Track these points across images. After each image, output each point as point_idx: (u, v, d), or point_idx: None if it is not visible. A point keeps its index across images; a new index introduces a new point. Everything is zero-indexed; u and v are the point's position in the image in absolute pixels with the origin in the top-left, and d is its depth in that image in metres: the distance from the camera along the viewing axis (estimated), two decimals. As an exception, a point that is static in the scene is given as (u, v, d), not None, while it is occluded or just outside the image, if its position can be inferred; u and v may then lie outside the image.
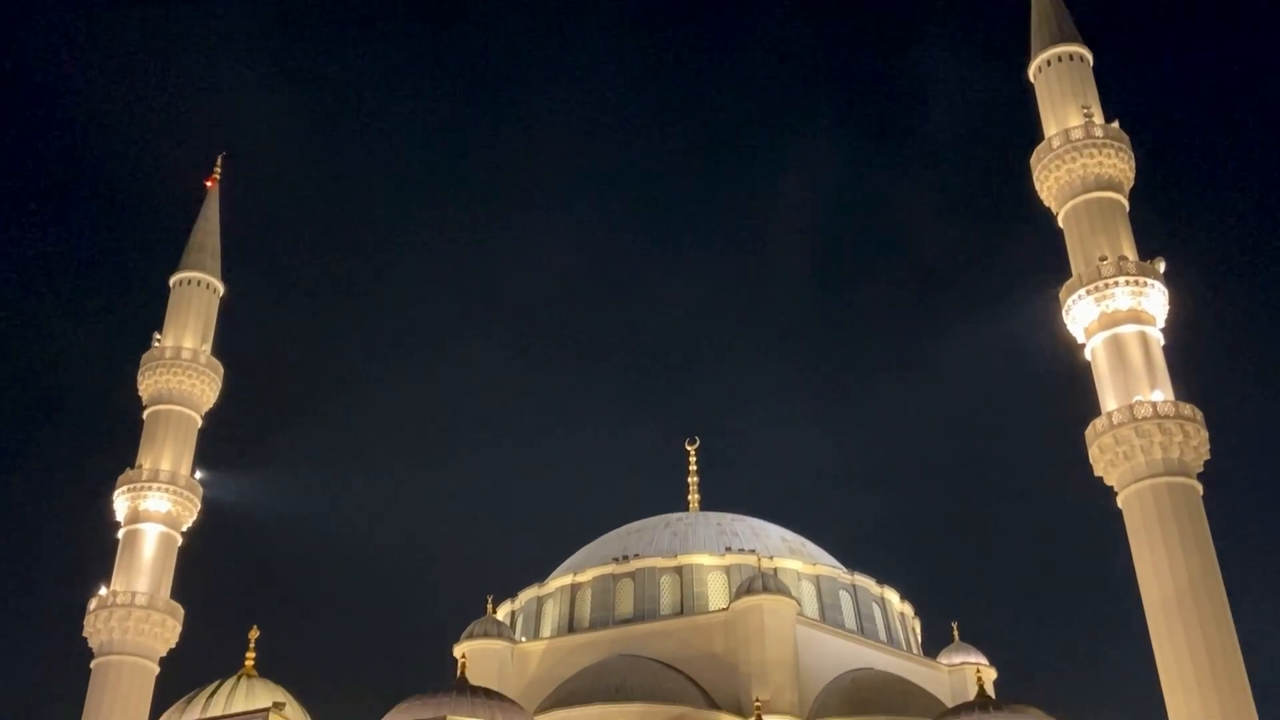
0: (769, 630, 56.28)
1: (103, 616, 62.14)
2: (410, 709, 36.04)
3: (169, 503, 65.59)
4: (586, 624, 61.57)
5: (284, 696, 39.61)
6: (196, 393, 68.89)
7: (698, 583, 61.40)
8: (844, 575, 64.05)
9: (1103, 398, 54.36)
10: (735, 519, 68.48)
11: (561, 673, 58.51)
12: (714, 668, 56.65)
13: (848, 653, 58.65)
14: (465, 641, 60.13)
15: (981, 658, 63.37)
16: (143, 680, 62.15)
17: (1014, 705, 37.46)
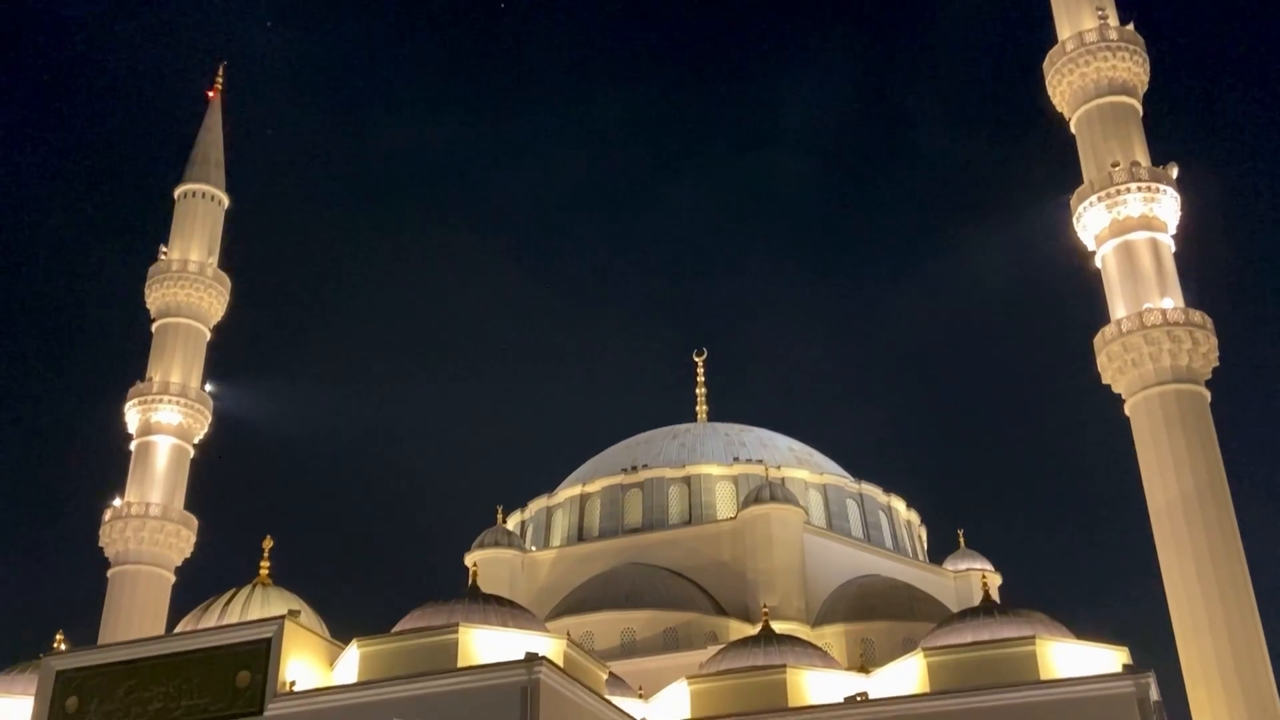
0: (776, 538, 56.92)
1: (118, 527, 62.94)
2: (423, 616, 36.57)
3: (180, 415, 65.99)
4: (595, 533, 62.27)
5: (298, 604, 40.21)
6: (204, 305, 68.91)
7: (705, 492, 61.94)
8: (851, 484, 64.55)
9: (1112, 306, 54.18)
10: (743, 429, 68.86)
11: (571, 581, 59.33)
12: (722, 575, 57.40)
13: (854, 560, 59.32)
14: (476, 551, 60.90)
15: (986, 564, 64.08)
16: (159, 589, 63.12)
17: (1018, 610, 37.89)
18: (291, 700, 33.66)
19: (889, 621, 53.77)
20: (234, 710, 33.94)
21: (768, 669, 37.84)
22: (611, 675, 39.77)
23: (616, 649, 53.13)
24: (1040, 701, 33.35)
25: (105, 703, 35.34)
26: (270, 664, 34.15)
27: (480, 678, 32.41)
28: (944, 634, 37.80)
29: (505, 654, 33.30)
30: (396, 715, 32.59)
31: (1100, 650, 35.10)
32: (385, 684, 33.20)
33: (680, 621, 54.39)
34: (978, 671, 34.73)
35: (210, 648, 35.19)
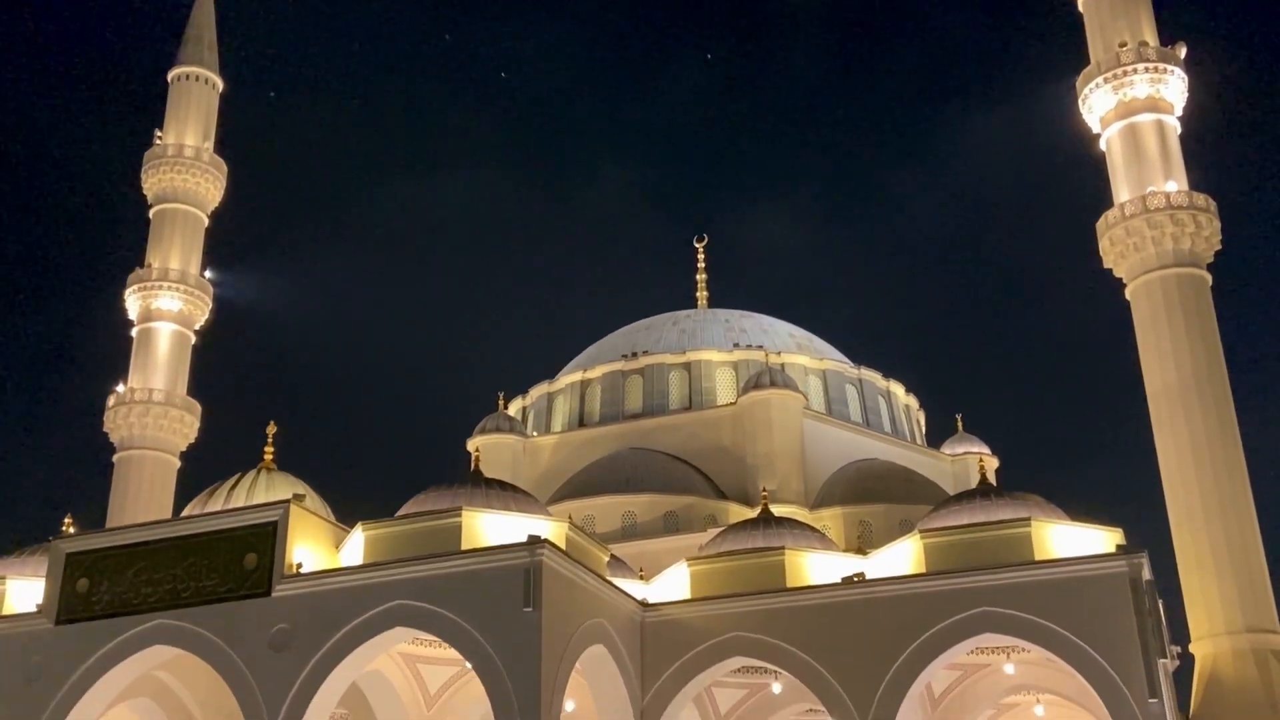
0: (776, 423, 57.33)
1: (122, 413, 63.37)
2: (426, 500, 36.96)
3: (180, 302, 65.96)
4: (596, 419, 62.68)
5: (303, 489, 40.65)
6: (201, 191, 68.36)
7: (706, 378, 62.18)
8: (850, 369, 64.77)
9: (1116, 189, 53.78)
10: (743, 315, 68.85)
11: (572, 465, 59.90)
12: (722, 460, 57.95)
13: (853, 444, 59.82)
14: (478, 436, 61.37)
15: (984, 447, 64.62)
16: (164, 474, 63.81)
17: (1014, 493, 38.25)
18: (298, 581, 34.22)
19: (886, 504, 54.43)
20: (242, 591, 34.54)
21: (766, 551, 38.39)
22: (613, 557, 40.37)
23: (617, 532, 53.89)
24: (1034, 581, 33.88)
25: (115, 584, 35.97)
26: (276, 546, 34.62)
27: (483, 560, 32.88)
28: (940, 516, 38.26)
29: (507, 537, 33.75)
30: (401, 597, 33.14)
31: (1095, 532, 35.55)
32: (390, 566, 33.71)
33: (680, 505, 55.07)
34: (973, 553, 35.24)
35: (217, 531, 35.67)
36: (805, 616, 35.93)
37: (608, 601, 35.77)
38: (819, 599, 36.17)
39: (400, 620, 33.15)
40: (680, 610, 37.57)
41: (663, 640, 37.00)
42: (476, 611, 32.26)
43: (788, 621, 35.97)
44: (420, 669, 37.79)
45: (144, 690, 38.04)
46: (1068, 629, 33.02)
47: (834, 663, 34.93)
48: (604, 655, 35.10)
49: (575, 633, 33.45)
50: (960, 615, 34.22)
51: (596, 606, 34.98)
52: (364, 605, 33.36)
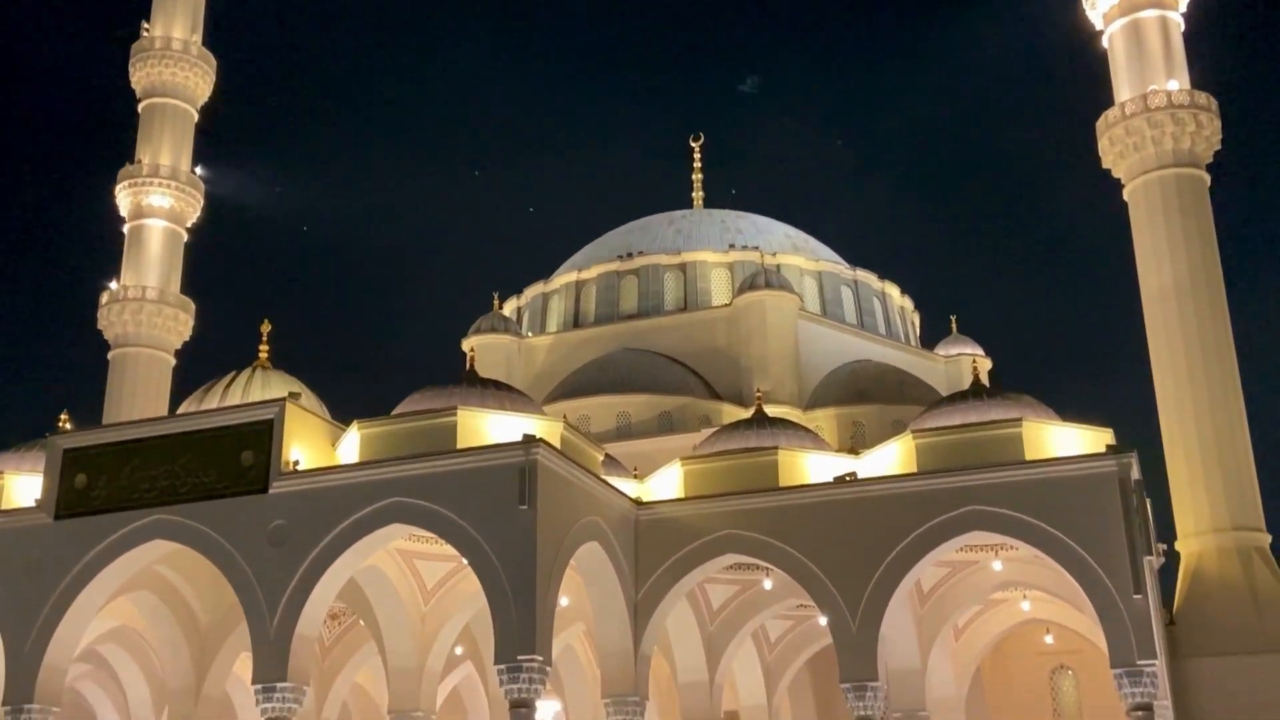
0: (770, 325, 57.38)
1: (115, 310, 63.27)
2: (421, 400, 37.09)
3: (171, 198, 65.43)
4: (591, 319, 62.68)
5: (299, 387, 40.79)
6: (190, 85, 67.36)
7: (701, 279, 62.07)
8: (846, 271, 64.64)
9: (1117, 88, 53.19)
10: (739, 216, 68.47)
11: (567, 366, 60.06)
12: (716, 361, 58.11)
13: (847, 346, 59.97)
14: (473, 336, 61.43)
15: (978, 349, 64.81)
16: (160, 371, 63.94)
17: (1006, 394, 38.43)
18: (295, 479, 34.49)
19: (879, 405, 54.73)
20: (239, 488, 34.82)
21: (760, 450, 38.68)
22: (607, 457, 40.68)
23: (612, 432, 54.24)
24: (1024, 481, 34.22)
25: (113, 480, 36.26)
26: (273, 444, 34.83)
27: (479, 459, 33.12)
28: (933, 417, 38.50)
29: (503, 436, 33.95)
30: (397, 494, 33.46)
31: (1085, 432, 35.82)
32: (386, 464, 33.96)
33: (675, 405, 55.35)
34: (964, 452, 35.53)
35: (213, 428, 35.85)
36: (797, 515, 36.35)
37: (602, 500, 36.15)
38: (811, 498, 36.55)
39: (397, 517, 33.50)
40: (674, 509, 37.98)
41: (656, 538, 37.46)
42: (472, 509, 32.60)
43: (780, 520, 36.40)
44: (417, 564, 38.31)
45: (144, 584, 38.61)
46: (1056, 527, 33.46)
47: (825, 560, 35.43)
48: (598, 552, 35.57)
49: (570, 530, 33.85)
50: (950, 514, 34.63)
51: (591, 505, 35.35)
52: (361, 502, 33.69)
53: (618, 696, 36.56)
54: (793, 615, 42.85)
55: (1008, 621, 43.47)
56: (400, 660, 38.34)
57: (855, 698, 34.49)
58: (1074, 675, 47.04)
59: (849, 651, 34.63)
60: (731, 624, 40.91)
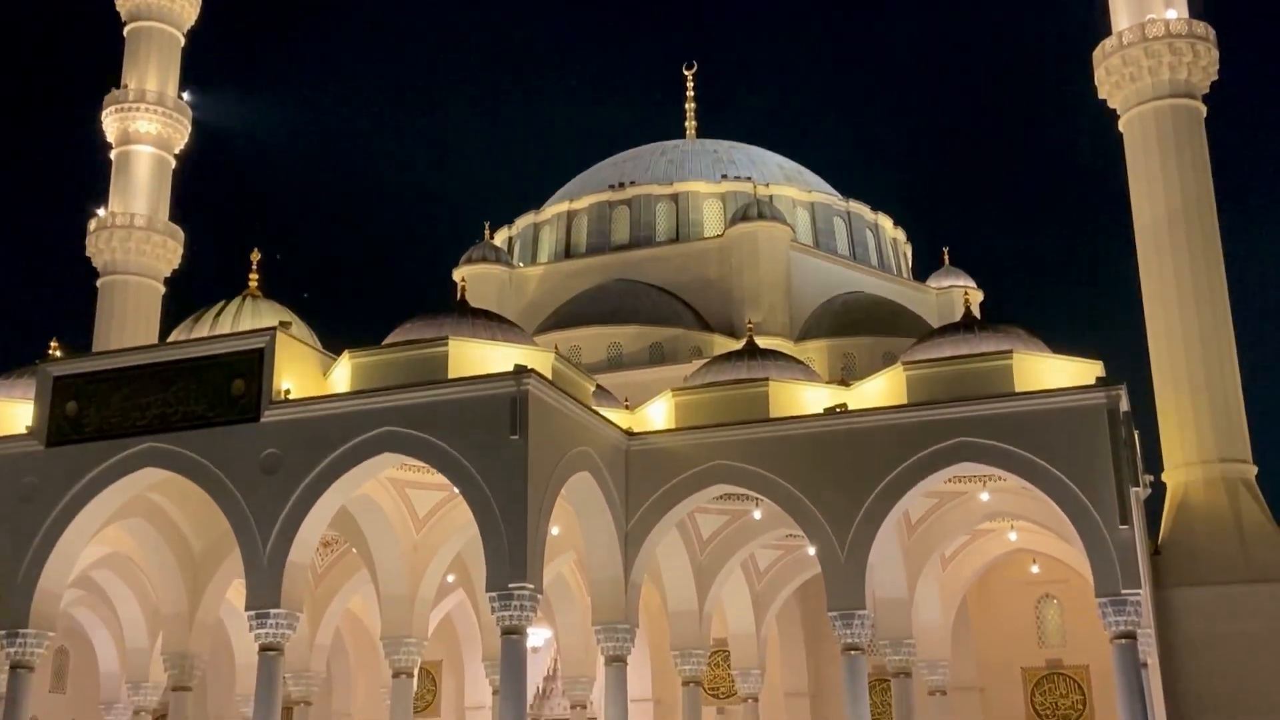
0: (763, 256, 57.24)
1: (103, 237, 62.90)
2: (412, 330, 36.98)
3: (158, 124, 64.75)
4: (583, 250, 62.43)
5: (289, 316, 40.60)
6: (176, 9, 66.39)
7: (693, 210, 61.78)
8: (839, 202, 64.35)
9: (1115, 16, 52.69)
10: (732, 146, 67.96)
11: (559, 297, 59.95)
12: (708, 292, 58.04)
13: (839, 277, 59.91)
14: (464, 266, 61.20)
15: (969, 281, 64.78)
16: (149, 299, 63.72)
17: (997, 326, 38.43)
18: (286, 408, 34.50)
19: (871, 337, 54.82)
20: (230, 417, 34.83)
21: (751, 382, 38.73)
22: (598, 387, 40.73)
23: (603, 363, 54.29)
24: (1013, 412, 34.35)
25: (103, 408, 36.23)
26: (264, 373, 34.77)
27: (470, 388, 33.13)
28: (923, 349, 38.54)
29: (494, 366, 33.92)
30: (389, 424, 33.51)
31: (1075, 364, 35.90)
32: (377, 394, 33.96)
33: (666, 337, 55.37)
34: (954, 384, 35.62)
35: (204, 357, 35.76)
36: (787, 446, 36.50)
37: (593, 430, 36.25)
38: (801, 429, 36.69)
39: (388, 446, 33.57)
40: (664, 439, 38.12)
41: (647, 468, 37.63)
42: (464, 439, 32.68)
43: (770, 451, 36.56)
44: (409, 493, 38.49)
45: (137, 511, 38.75)
46: (1044, 458, 33.67)
47: (814, 490, 35.66)
48: (589, 482, 35.75)
49: (561, 460, 33.98)
50: (939, 445, 34.80)
51: (582, 435, 35.46)
52: (352, 431, 33.74)
53: (608, 624, 36.97)
54: (782, 545, 43.25)
55: (994, 551, 43.93)
56: (392, 588, 38.67)
57: (843, 626, 34.91)
58: (1059, 604, 47.66)
59: (837, 581, 34.98)
60: (721, 553, 41.28)
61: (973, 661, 46.73)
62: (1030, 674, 47.56)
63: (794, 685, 48.52)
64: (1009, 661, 47.52)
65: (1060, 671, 47.30)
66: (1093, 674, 45.98)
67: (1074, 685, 47.00)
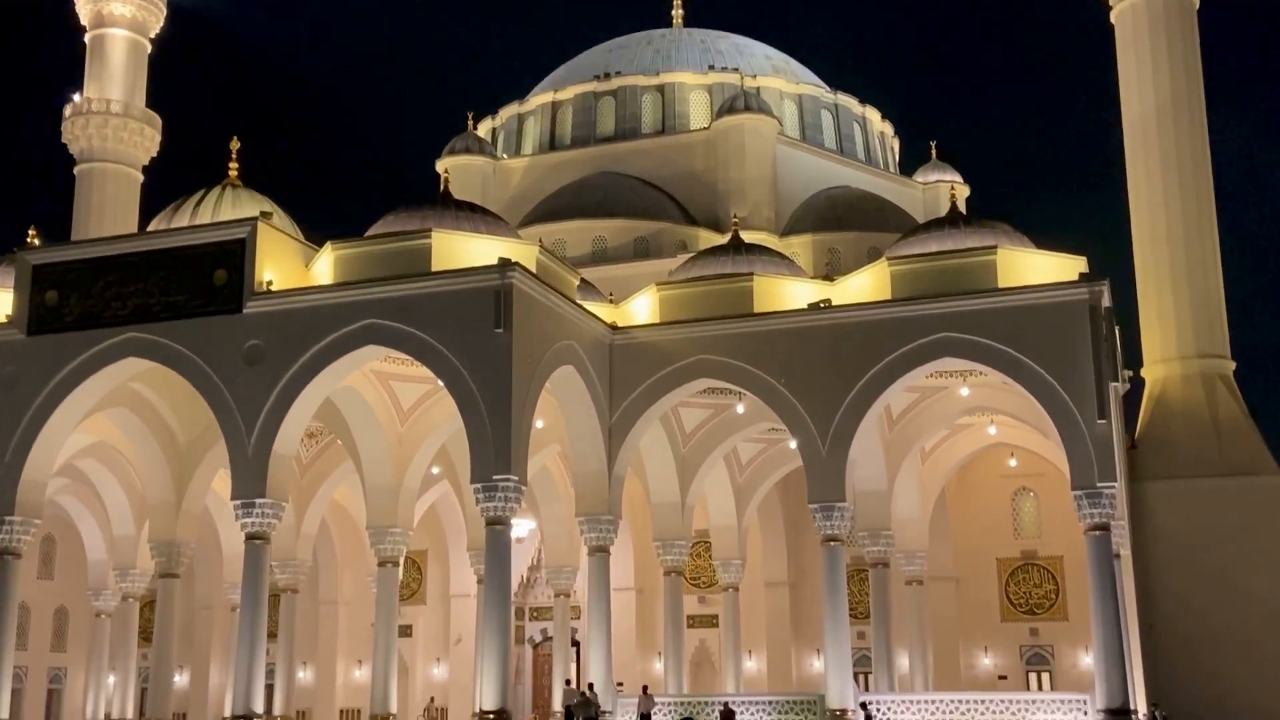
0: (749, 149, 56.71)
1: (79, 124, 61.90)
2: (395, 221, 36.66)
3: (132, 7, 63.31)
4: (568, 142, 61.72)
5: (270, 206, 40.17)
6: (147, -113, 64.41)
7: (679, 101, 60.98)
8: (826, 95, 63.61)
9: (1115, -95, 51.63)
10: (719, 36, 66.85)
11: (543, 189, 59.41)
12: (693, 186, 57.61)
13: (826, 171, 59.47)
14: (447, 157, 60.47)
15: (956, 175, 64.43)
16: (128, 187, 62.95)
17: (983, 221, 38.32)
18: (269, 299, 34.35)
19: (856, 232, 54.67)
20: (212, 308, 34.67)
21: (735, 277, 38.67)
22: (583, 281, 40.64)
23: (588, 256, 54.07)
24: (996, 308, 34.45)
25: (84, 298, 36.00)
26: (246, 263, 34.54)
27: (454, 282, 32.99)
28: (909, 244, 38.47)
29: (478, 259, 33.74)
30: (372, 316, 33.41)
31: (1059, 259, 35.92)
32: (361, 286, 33.81)
33: (651, 230, 55.09)
34: (939, 280, 35.64)
35: (185, 246, 35.46)
36: (771, 341, 36.62)
37: (577, 324, 36.25)
38: (785, 324, 36.77)
39: (372, 339, 33.55)
40: (649, 334, 38.18)
41: (631, 362, 37.75)
42: (448, 332, 32.66)
43: (754, 346, 36.68)
44: (393, 386, 38.57)
45: (121, 401, 38.79)
46: (1025, 353, 33.89)
47: (797, 385, 35.87)
48: (573, 376, 35.87)
49: (545, 354, 34.04)
50: (921, 340, 34.97)
51: (566, 329, 35.47)
52: (336, 323, 33.67)
53: (591, 516, 37.42)
54: (764, 438, 43.64)
55: (973, 445, 44.46)
56: (377, 479, 38.97)
57: (823, 518, 35.43)
58: (1035, 497, 48.42)
59: (818, 473, 35.41)
60: (704, 446, 41.65)
61: (949, 552, 47.60)
62: (1005, 564, 48.52)
63: (774, 575, 49.40)
64: (985, 552, 48.43)
65: (1035, 562, 48.26)
66: (1066, 565, 46.93)
67: (1048, 576, 47.99)
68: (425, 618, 53.62)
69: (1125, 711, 32.16)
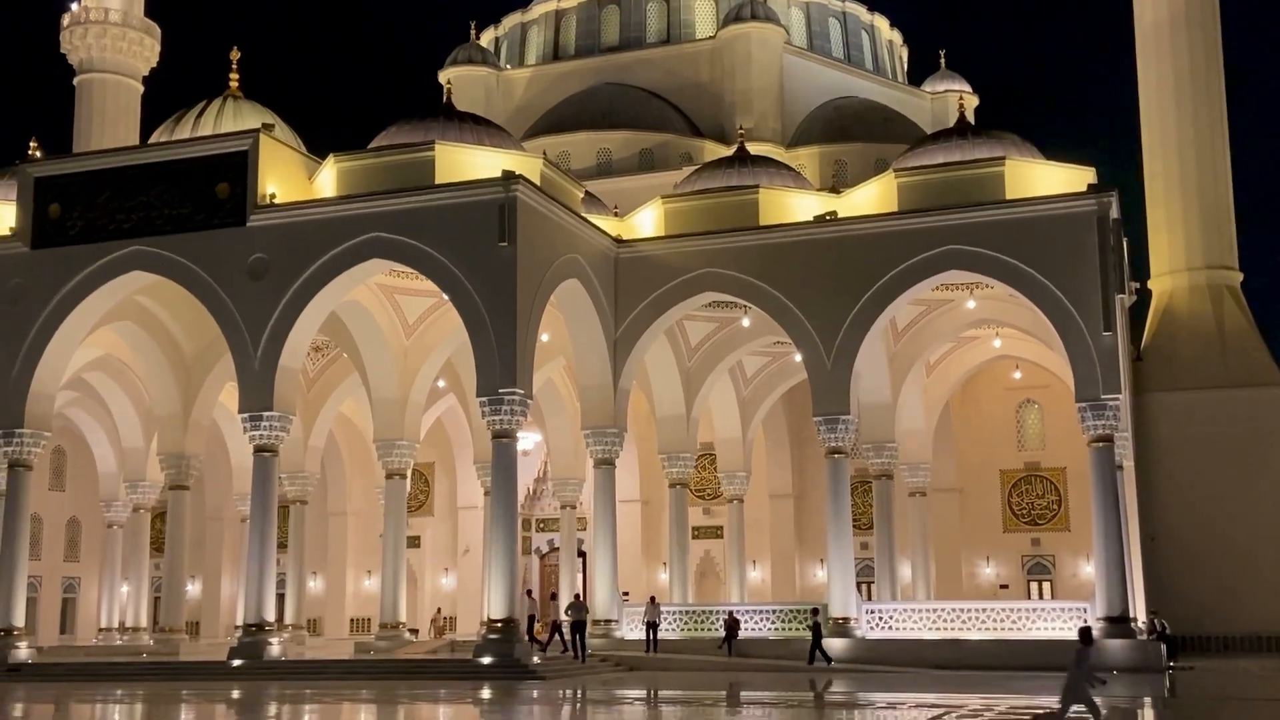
0: (755, 59, 55.95)
1: (79, 33, 61.15)
2: (398, 133, 36.31)
3: (128, -84, 62.15)
4: (572, 52, 60.88)
5: (272, 118, 39.80)
6: None
7: (685, 9, 60.00)
8: (834, 2, 62.51)
9: None
10: (726, -59, 65.54)
11: (547, 101, 58.76)
12: (699, 97, 56.94)
13: (833, 81, 58.70)
14: (450, 68, 59.76)
15: (965, 85, 63.56)
16: (128, 99, 62.37)
17: (991, 132, 37.88)
18: (272, 212, 34.22)
19: (863, 143, 54.13)
20: (215, 220, 34.57)
21: (741, 189, 38.41)
22: (587, 194, 40.39)
23: (592, 169, 53.67)
24: (1003, 220, 34.26)
25: (87, 210, 35.89)
26: (249, 176, 34.35)
27: (458, 194, 32.83)
28: (916, 155, 38.12)
29: (482, 172, 33.52)
30: (376, 229, 33.32)
31: (1067, 170, 35.61)
32: (365, 199, 33.65)
33: (656, 142, 54.60)
34: (947, 192, 35.37)
35: (187, 159, 35.23)
36: (777, 254, 36.49)
37: (582, 238, 36.11)
38: (791, 237, 36.62)
39: (376, 252, 33.48)
40: (654, 247, 38.04)
41: (636, 276, 37.67)
42: (452, 245, 32.58)
43: (760, 259, 36.56)
44: (398, 299, 38.58)
45: (127, 315, 38.86)
46: (1032, 265, 33.77)
47: (803, 298, 35.83)
48: (578, 289, 35.83)
49: (550, 267, 33.96)
50: (928, 253, 34.84)
51: (571, 242, 35.34)
52: (340, 237, 33.57)
53: (597, 429, 37.64)
54: (769, 352, 43.71)
55: (978, 358, 44.52)
56: (384, 392, 39.16)
57: (827, 430, 35.61)
58: (1039, 409, 48.58)
59: (823, 386, 35.52)
60: (709, 360, 41.74)
61: (953, 464, 47.93)
62: (1008, 476, 48.85)
63: (779, 487, 49.82)
64: (988, 464, 48.73)
65: (1038, 474, 48.59)
66: (1069, 476, 47.25)
67: (1050, 487, 48.35)
68: (433, 529, 54.25)
69: (1125, 619, 32.63)
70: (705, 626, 36.83)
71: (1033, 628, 34.03)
